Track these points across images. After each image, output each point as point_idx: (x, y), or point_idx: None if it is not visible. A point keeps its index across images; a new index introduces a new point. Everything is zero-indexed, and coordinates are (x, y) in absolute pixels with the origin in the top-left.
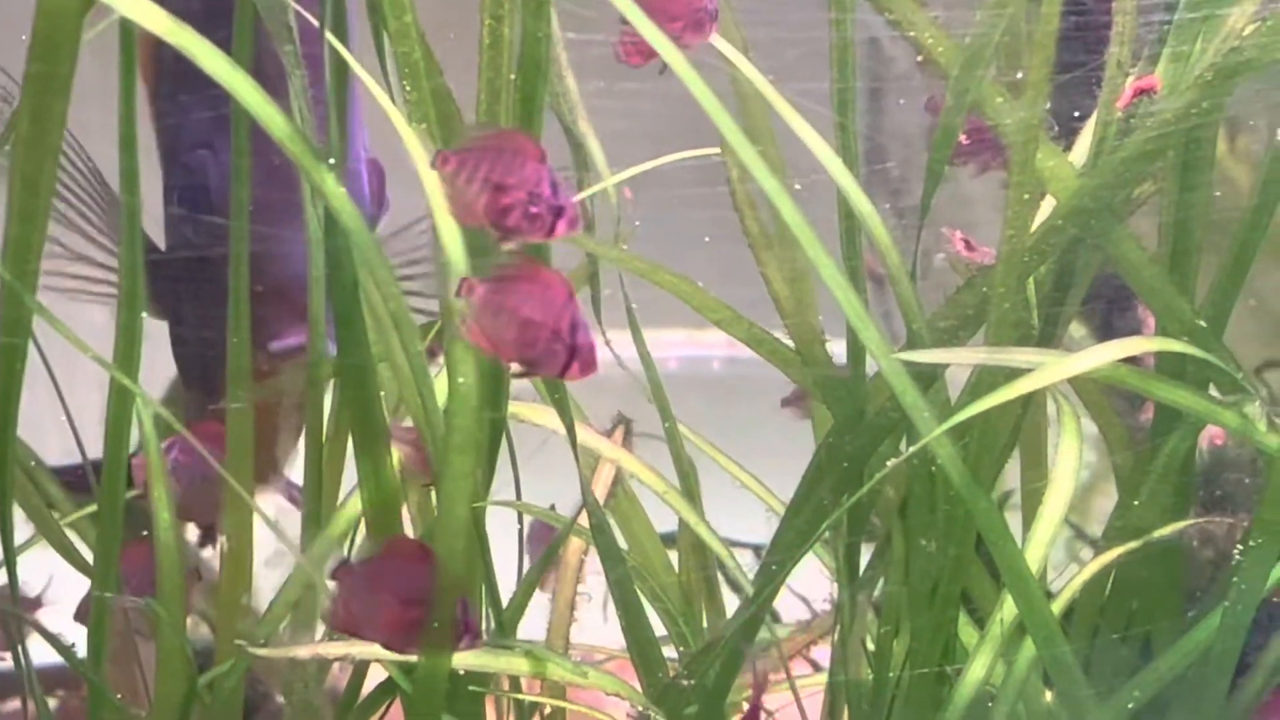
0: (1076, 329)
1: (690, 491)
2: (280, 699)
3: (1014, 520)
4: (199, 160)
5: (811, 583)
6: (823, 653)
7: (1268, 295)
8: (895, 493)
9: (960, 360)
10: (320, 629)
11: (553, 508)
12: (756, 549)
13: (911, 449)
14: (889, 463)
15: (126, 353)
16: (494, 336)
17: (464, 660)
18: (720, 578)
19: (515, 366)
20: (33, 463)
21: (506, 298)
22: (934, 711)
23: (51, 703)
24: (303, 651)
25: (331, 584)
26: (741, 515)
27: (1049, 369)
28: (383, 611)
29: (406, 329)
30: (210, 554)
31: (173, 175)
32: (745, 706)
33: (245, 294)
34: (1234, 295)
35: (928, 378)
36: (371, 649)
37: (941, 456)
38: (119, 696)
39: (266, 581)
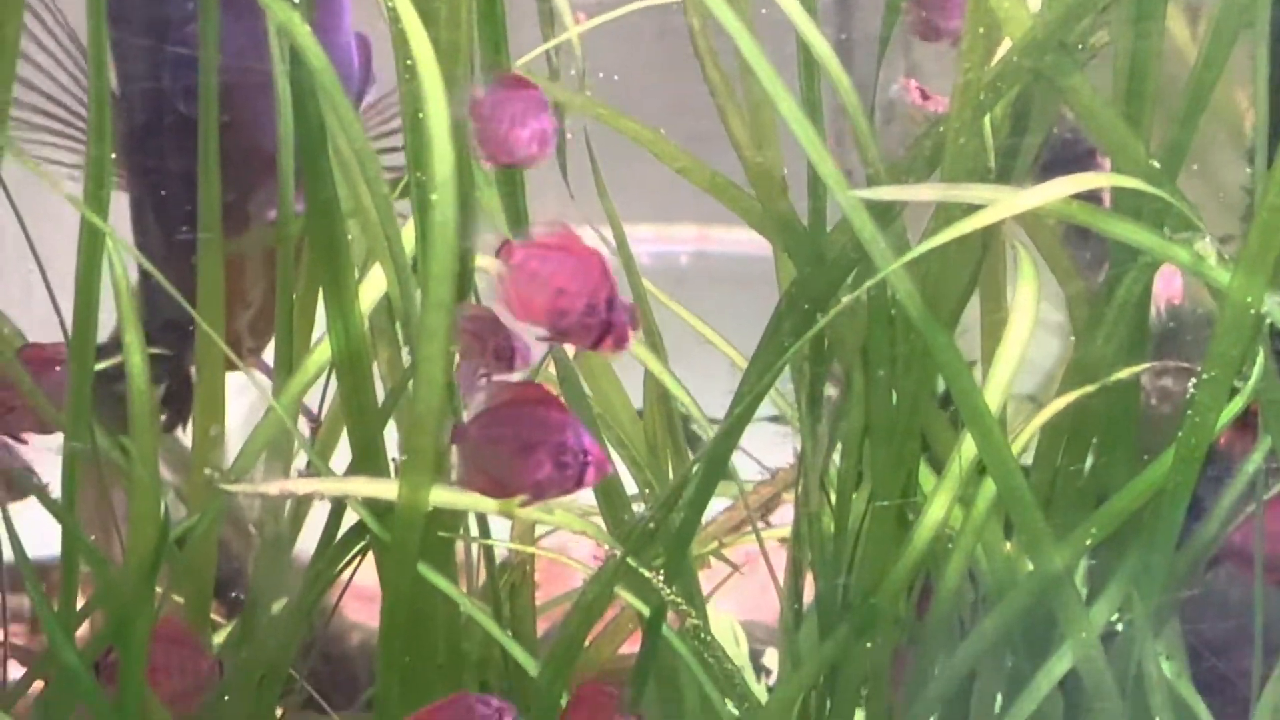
0: None
1: (654, 345)
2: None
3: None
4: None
5: (775, 448)
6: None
7: (1218, 169)
8: (856, 338)
9: (915, 197)
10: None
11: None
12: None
13: (869, 281)
14: (845, 298)
15: (95, 192)
16: (527, 301)
17: (443, 499)
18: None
19: (542, 331)
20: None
21: (544, 265)
22: (893, 552)
23: None
24: (272, 488)
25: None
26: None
27: (1003, 203)
28: (513, 460)
29: (372, 172)
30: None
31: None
32: (712, 560)
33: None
34: (1187, 139)
35: (886, 219)
36: (342, 485)
37: (900, 292)
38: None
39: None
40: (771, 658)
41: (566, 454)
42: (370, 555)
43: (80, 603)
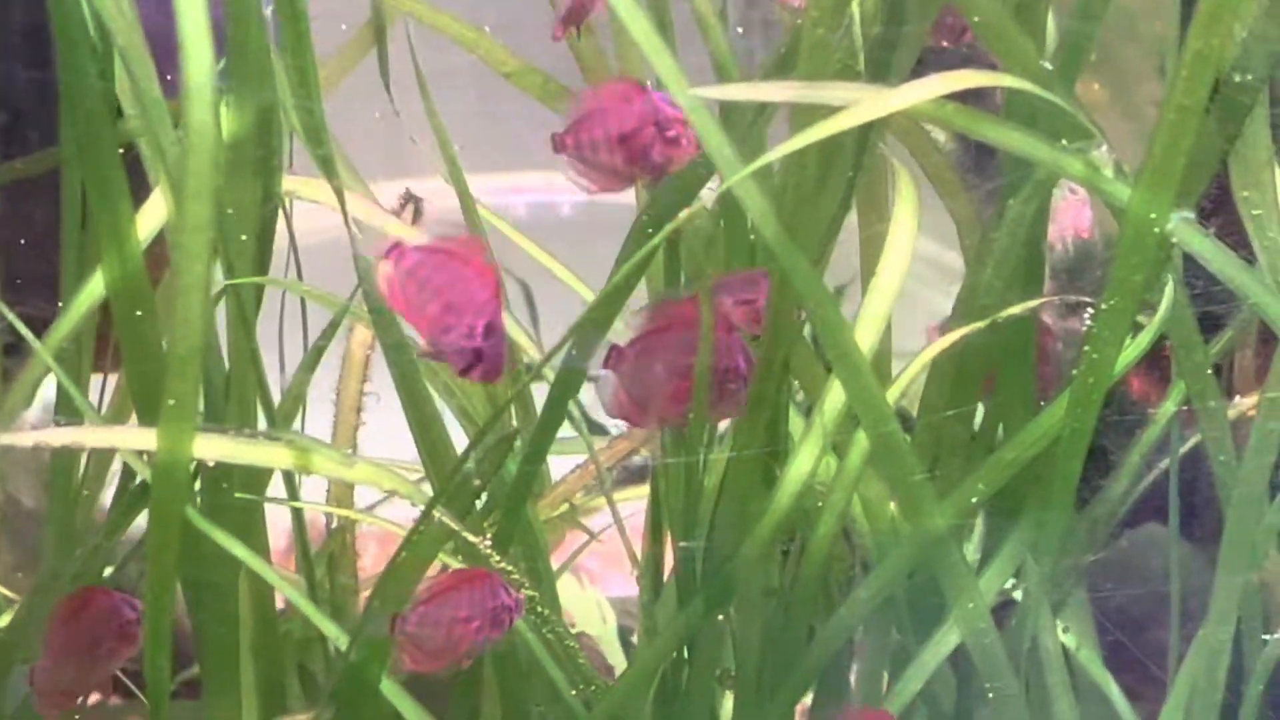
0: None
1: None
2: None
3: None
4: None
5: None
6: None
7: (1143, 105)
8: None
9: (767, 96)
10: None
11: None
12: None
13: (716, 191)
14: (683, 213)
15: None
16: (411, 306)
17: (216, 450)
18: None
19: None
20: None
21: (434, 273)
22: (756, 508)
23: None
24: (25, 439)
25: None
26: None
27: (866, 104)
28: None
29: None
30: None
31: None
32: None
33: None
34: (1087, 38)
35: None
36: (102, 435)
37: (752, 209)
38: None
39: None
40: None
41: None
42: None
43: None
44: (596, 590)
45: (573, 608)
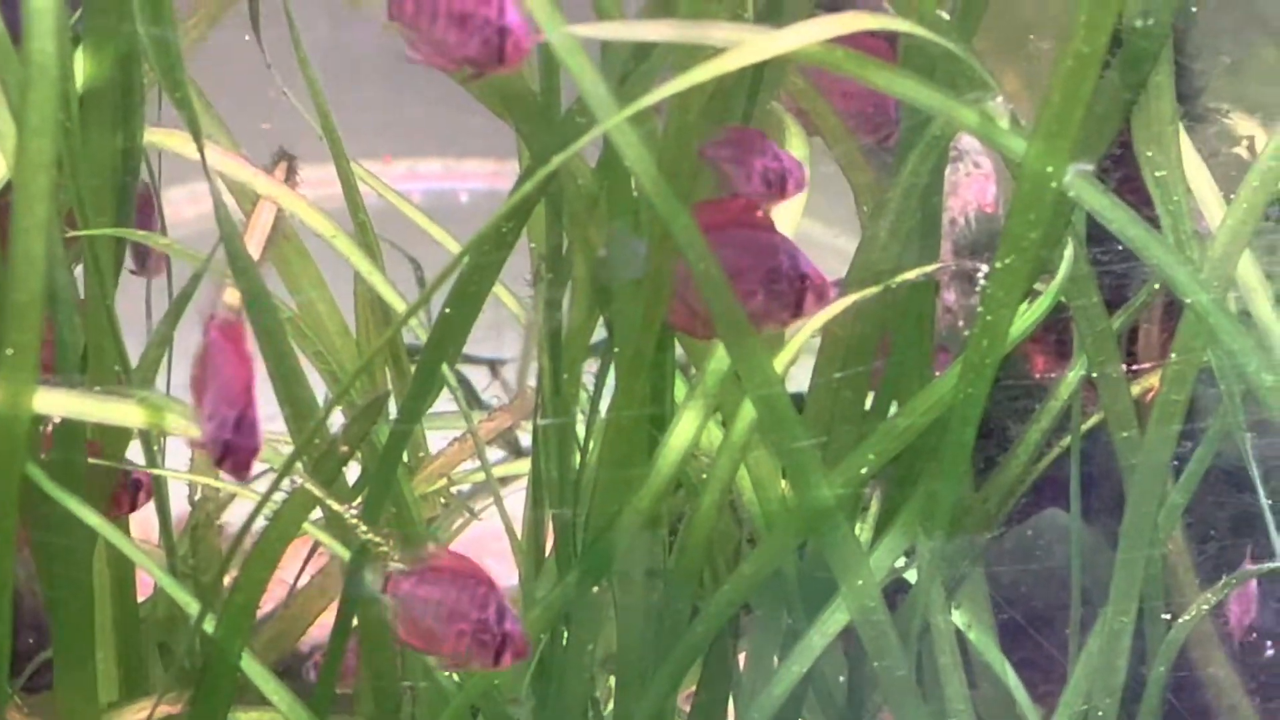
0: None
1: (369, 245)
2: None
3: None
4: None
5: None
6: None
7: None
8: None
9: (645, 35)
10: None
11: None
12: (492, 362)
13: (589, 134)
14: (556, 158)
15: None
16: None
17: (59, 405)
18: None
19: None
20: None
21: (214, 356)
22: (636, 476)
23: None
24: None
25: None
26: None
27: (749, 46)
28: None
29: None
30: None
31: None
32: (443, 500)
33: None
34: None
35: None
36: None
37: (629, 156)
38: None
39: None
40: None
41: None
42: None
43: None
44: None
45: None
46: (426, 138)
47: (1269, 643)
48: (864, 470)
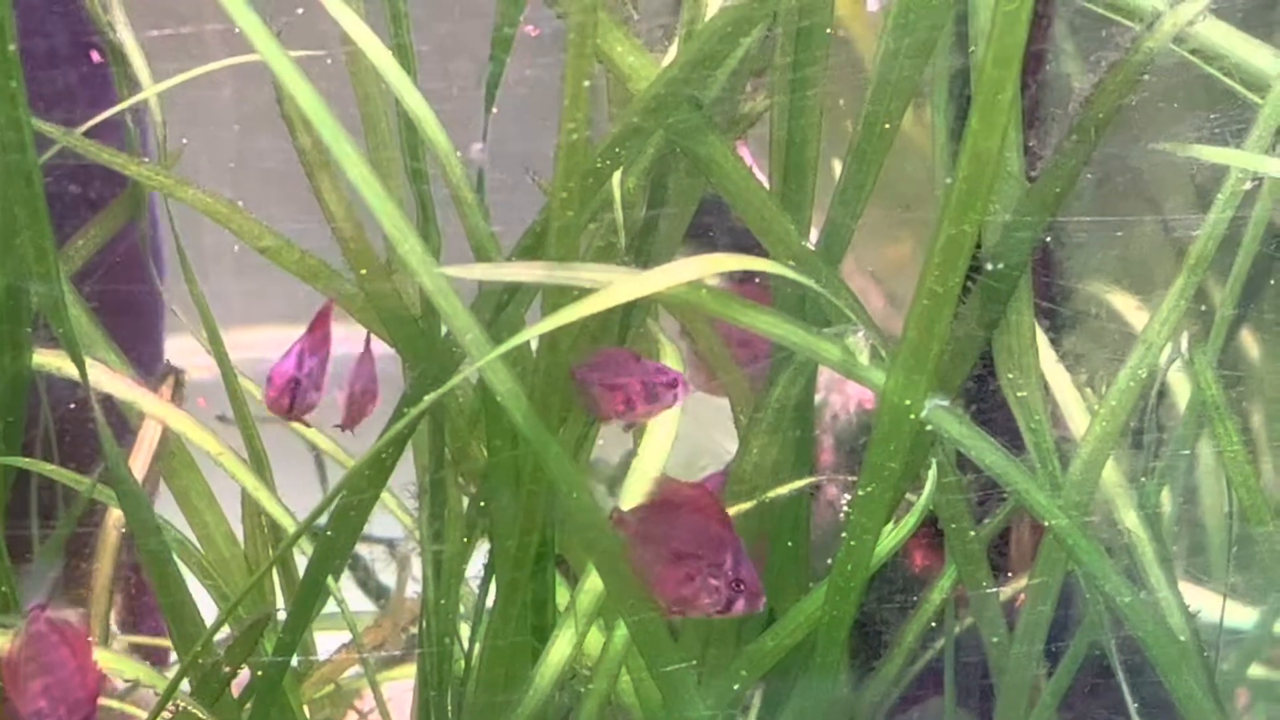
0: None
1: (259, 460)
2: None
3: None
4: None
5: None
6: None
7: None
8: (478, 448)
9: (514, 276)
10: None
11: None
12: (390, 542)
13: (459, 375)
14: (428, 397)
15: None
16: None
17: None
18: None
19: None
20: None
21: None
22: (513, 694)
23: None
24: None
25: None
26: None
27: (618, 287)
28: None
29: None
30: None
31: None
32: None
33: None
34: (849, 221)
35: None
36: None
37: (500, 391)
38: None
39: None
40: None
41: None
42: None
43: None
44: None
45: None
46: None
47: None
48: (735, 687)
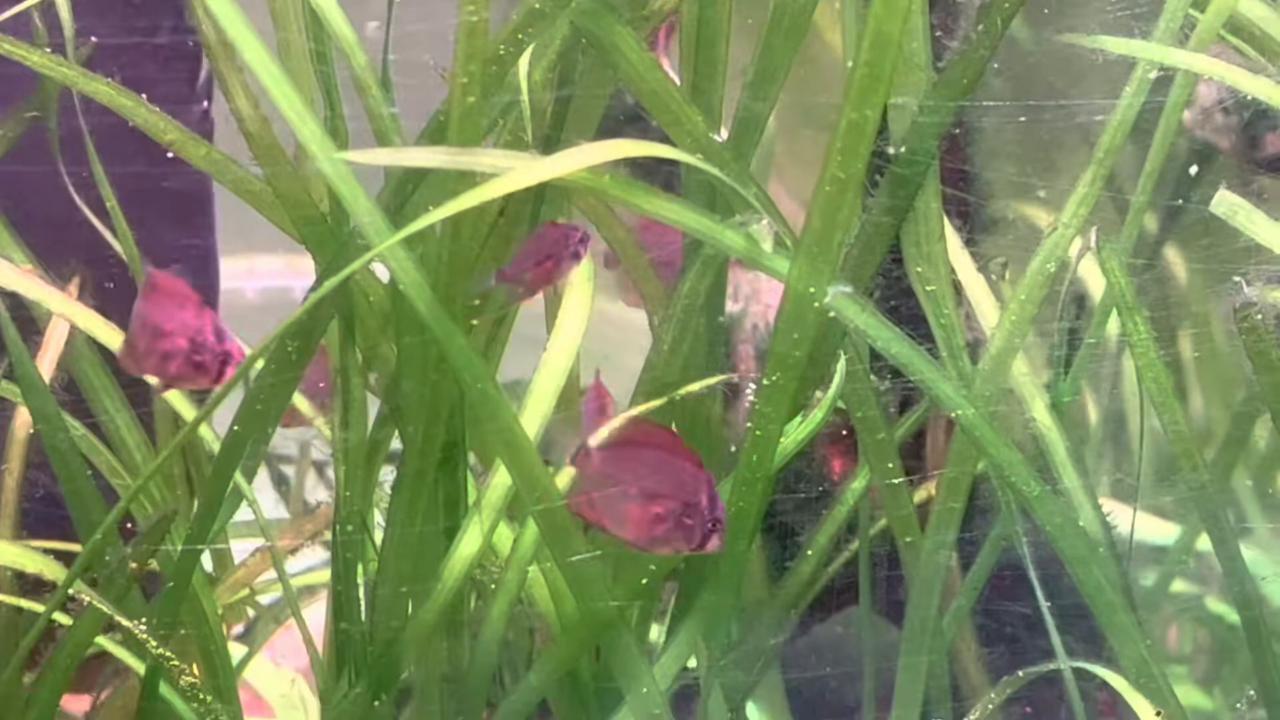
0: None
1: None
2: None
3: None
4: None
5: None
6: None
7: None
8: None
9: (415, 161)
10: None
11: None
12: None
13: (357, 262)
14: (326, 284)
15: None
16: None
17: None
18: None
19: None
20: None
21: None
22: (421, 593)
23: None
24: None
25: None
26: None
27: (519, 173)
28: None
29: None
30: None
31: None
32: (249, 611)
33: None
34: (761, 111)
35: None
36: None
37: (403, 280)
38: None
39: None
40: None
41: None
42: None
43: None
44: (295, 675)
45: (268, 693)
46: (258, 235)
47: None
48: (644, 580)
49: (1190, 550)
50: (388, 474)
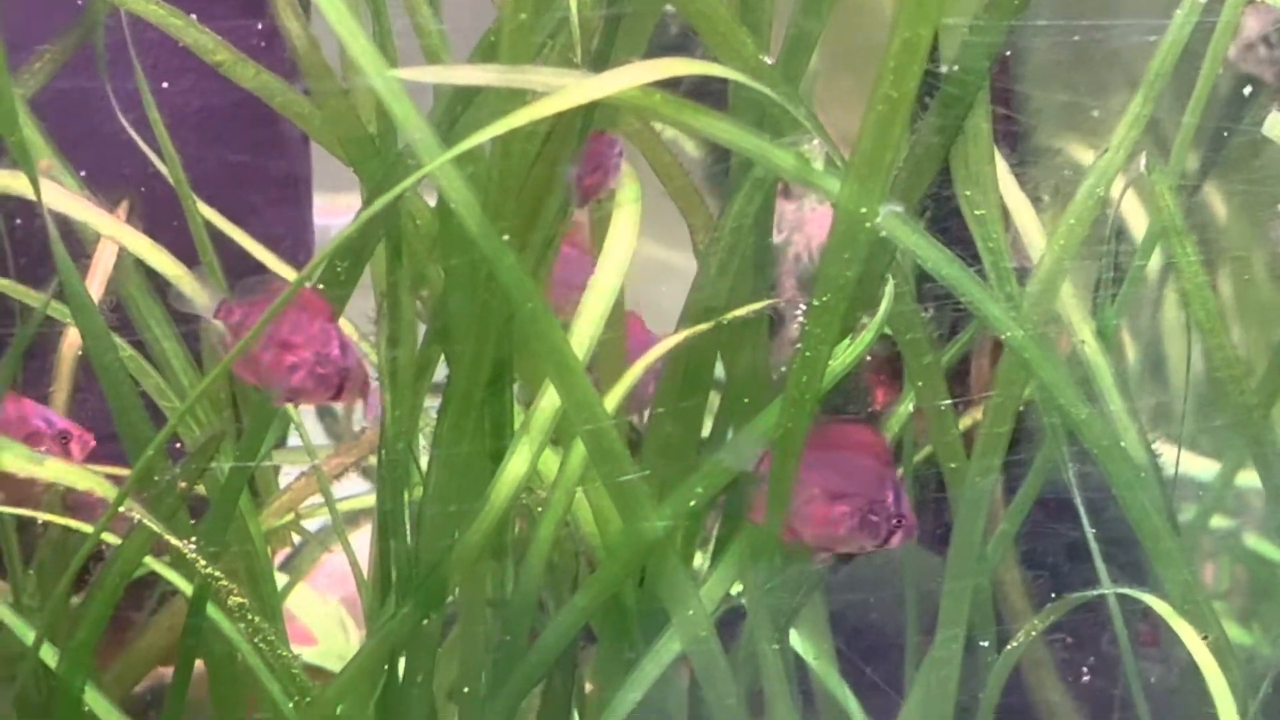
0: None
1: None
2: None
3: None
4: None
5: None
6: None
7: None
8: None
9: (465, 79)
10: None
11: None
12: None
13: (411, 177)
14: (376, 203)
15: None
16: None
17: None
18: None
19: None
20: None
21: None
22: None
23: None
24: None
25: None
26: None
27: (570, 91)
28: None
29: None
30: None
31: None
32: (295, 536)
33: None
34: (812, 32)
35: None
36: None
37: (454, 199)
38: None
39: None
40: None
41: None
42: None
43: None
44: (338, 603)
45: (310, 620)
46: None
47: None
48: (692, 503)
49: (1230, 484)
50: (432, 406)
